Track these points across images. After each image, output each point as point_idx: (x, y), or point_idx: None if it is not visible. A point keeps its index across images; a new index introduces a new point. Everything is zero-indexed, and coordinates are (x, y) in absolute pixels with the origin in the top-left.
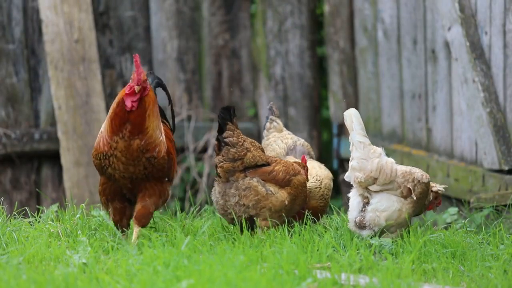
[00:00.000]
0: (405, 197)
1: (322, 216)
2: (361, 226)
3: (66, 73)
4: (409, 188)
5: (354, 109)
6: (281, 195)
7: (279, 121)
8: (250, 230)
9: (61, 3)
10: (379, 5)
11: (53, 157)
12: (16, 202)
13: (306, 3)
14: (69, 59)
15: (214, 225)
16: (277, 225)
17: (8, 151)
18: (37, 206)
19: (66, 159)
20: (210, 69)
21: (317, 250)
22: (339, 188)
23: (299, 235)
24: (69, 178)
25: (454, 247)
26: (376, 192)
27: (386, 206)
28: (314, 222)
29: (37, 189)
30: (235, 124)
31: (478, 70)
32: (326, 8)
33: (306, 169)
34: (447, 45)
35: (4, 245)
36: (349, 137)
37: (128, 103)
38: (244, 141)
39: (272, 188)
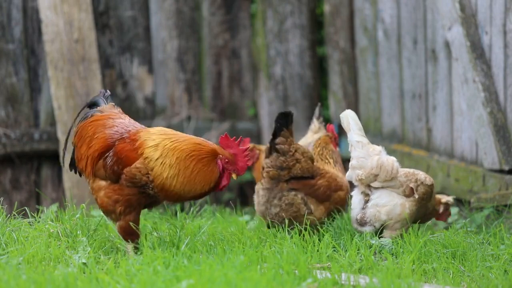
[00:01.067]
0: (407, 196)
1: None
2: (362, 222)
3: (66, 73)
4: (411, 187)
5: (350, 110)
6: (318, 213)
7: (317, 122)
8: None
9: (61, 3)
10: (379, 4)
11: (53, 157)
12: (16, 202)
13: (306, 3)
14: (69, 59)
15: (214, 225)
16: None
17: (8, 151)
18: (37, 206)
19: (66, 159)
20: (210, 69)
21: (317, 250)
22: None
23: (299, 235)
24: (69, 178)
25: (455, 247)
26: (376, 188)
27: (386, 200)
28: None
29: (37, 189)
30: (290, 131)
31: (479, 70)
32: (326, 8)
33: (334, 138)
34: (447, 45)
35: (4, 245)
36: (347, 138)
37: (221, 188)
38: (295, 150)
39: (312, 205)
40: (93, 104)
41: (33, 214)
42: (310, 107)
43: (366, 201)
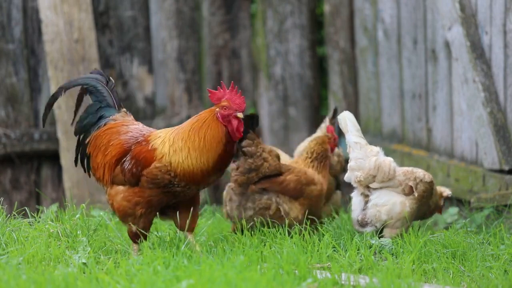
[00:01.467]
0: (407, 195)
1: None
2: (363, 223)
3: (66, 73)
4: (410, 186)
5: (347, 111)
6: (294, 212)
7: (328, 123)
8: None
9: (61, 3)
10: (379, 4)
11: (53, 157)
12: (16, 202)
13: (306, 3)
14: (69, 59)
15: (214, 225)
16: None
17: (8, 151)
18: (37, 206)
19: (66, 159)
20: (210, 69)
21: (317, 250)
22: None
23: (299, 235)
24: (69, 178)
25: (455, 247)
26: (376, 189)
27: (385, 200)
28: None
29: (36, 189)
30: (255, 133)
31: (479, 70)
32: (326, 8)
33: (334, 139)
34: (447, 45)
35: (4, 245)
36: (346, 139)
37: (239, 134)
38: (262, 151)
39: (286, 204)
40: (88, 87)
41: (33, 214)
42: (310, 107)
43: (366, 202)
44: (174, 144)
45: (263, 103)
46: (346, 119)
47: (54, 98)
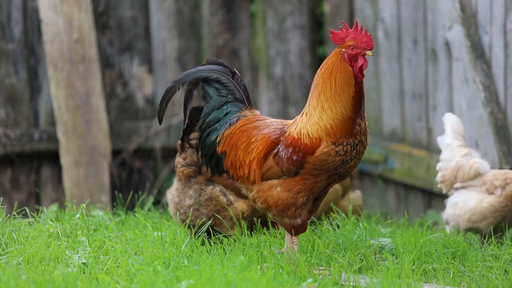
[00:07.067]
0: (491, 194)
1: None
2: (446, 222)
3: (65, 73)
4: (494, 185)
5: (451, 114)
6: (240, 205)
7: None
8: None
9: (60, 3)
10: (379, 4)
11: (53, 157)
12: (16, 202)
13: (306, 3)
14: (68, 59)
15: None
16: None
17: (7, 151)
18: (37, 206)
19: (65, 159)
20: None
21: (317, 250)
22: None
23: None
24: (69, 178)
25: (455, 247)
26: (457, 189)
27: (462, 198)
28: None
29: (36, 189)
30: None
31: (479, 70)
32: (327, 7)
33: None
34: (447, 45)
35: (4, 245)
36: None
37: (361, 74)
38: None
39: (232, 197)
40: (210, 79)
41: (33, 214)
42: None
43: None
44: (324, 118)
45: (263, 103)
46: (447, 121)
47: (172, 92)
